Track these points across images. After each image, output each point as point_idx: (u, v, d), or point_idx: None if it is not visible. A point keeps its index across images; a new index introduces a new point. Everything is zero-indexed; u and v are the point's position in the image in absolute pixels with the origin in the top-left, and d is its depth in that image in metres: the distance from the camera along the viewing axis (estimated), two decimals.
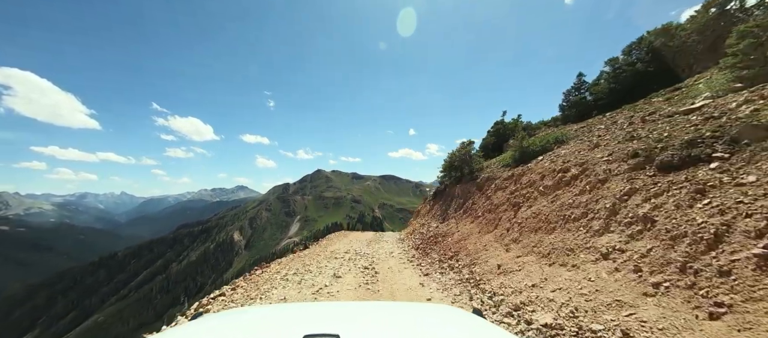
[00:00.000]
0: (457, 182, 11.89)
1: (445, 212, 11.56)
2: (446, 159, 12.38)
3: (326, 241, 13.18)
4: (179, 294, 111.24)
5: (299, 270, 6.84)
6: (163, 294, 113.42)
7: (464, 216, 8.96)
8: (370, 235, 15.75)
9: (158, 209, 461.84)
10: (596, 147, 5.66)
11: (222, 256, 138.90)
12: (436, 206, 13.64)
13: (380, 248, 10.13)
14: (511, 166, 8.67)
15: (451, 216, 10.26)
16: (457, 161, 11.66)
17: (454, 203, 10.77)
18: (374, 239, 13.05)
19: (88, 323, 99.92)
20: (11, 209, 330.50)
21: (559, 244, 4.26)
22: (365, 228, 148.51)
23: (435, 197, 14.63)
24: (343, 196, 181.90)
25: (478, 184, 9.67)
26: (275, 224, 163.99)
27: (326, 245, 11.47)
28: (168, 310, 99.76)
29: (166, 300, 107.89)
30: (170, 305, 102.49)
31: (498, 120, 14.90)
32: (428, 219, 13.10)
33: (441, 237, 8.83)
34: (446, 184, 13.25)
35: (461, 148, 11.58)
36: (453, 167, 12.01)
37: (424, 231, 11.32)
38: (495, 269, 4.95)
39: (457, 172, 12.16)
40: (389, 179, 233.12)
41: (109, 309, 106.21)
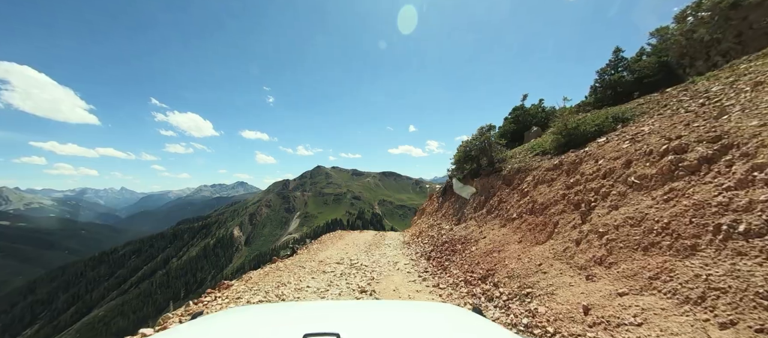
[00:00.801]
0: (474, 176, 9.82)
1: (459, 211, 9.51)
2: (459, 149, 10.31)
3: (318, 244, 11.14)
4: (179, 289, 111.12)
5: (269, 293, 4.83)
6: (163, 289, 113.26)
7: (490, 218, 6.92)
8: (370, 236, 13.70)
9: (158, 205, 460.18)
10: (723, 116, 3.57)
11: (222, 252, 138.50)
12: (446, 204, 11.60)
13: (382, 256, 8.08)
14: (553, 153, 6.60)
15: (470, 217, 8.22)
16: (473, 150, 9.60)
17: (473, 202, 8.73)
18: (374, 243, 11.00)
19: (89, 317, 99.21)
20: (11, 204, 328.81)
21: (724, 282, 2.21)
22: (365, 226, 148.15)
23: (445, 194, 12.59)
24: (343, 193, 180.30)
25: (504, 177, 7.60)
26: (275, 220, 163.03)
27: (317, 251, 9.42)
28: (167, 305, 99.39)
29: (166, 295, 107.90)
30: (170, 300, 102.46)
31: (517, 105, 12.80)
32: (438, 220, 11.06)
33: (460, 245, 6.81)
34: (458, 178, 11.20)
35: (479, 134, 9.50)
36: (468, 157, 9.95)
37: (434, 235, 9.29)
38: (578, 312, 2.92)
39: (472, 163, 10.09)
40: (389, 175, 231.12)
41: (109, 303, 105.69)
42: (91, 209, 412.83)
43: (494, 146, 9.25)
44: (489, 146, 9.25)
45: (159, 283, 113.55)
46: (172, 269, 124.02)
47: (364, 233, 15.27)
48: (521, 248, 4.87)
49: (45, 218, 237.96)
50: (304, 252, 9.56)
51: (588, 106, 12.18)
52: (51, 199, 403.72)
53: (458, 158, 10.50)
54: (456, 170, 11.12)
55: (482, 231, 6.71)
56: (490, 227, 6.66)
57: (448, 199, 11.75)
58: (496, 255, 5.22)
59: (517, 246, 5.05)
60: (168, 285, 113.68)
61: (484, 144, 9.22)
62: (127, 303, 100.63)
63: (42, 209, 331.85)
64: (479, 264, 5.35)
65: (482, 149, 9.34)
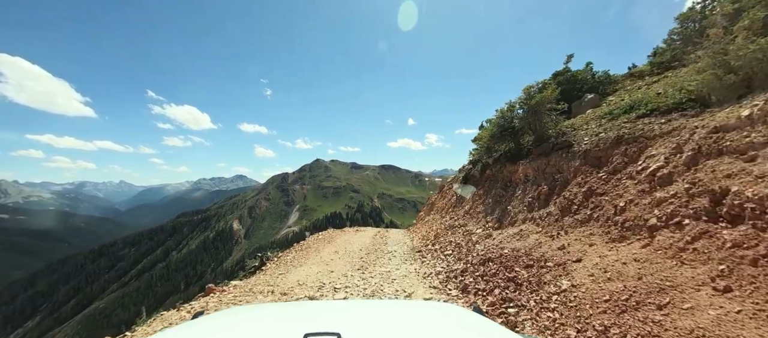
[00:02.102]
0: (514, 160, 6.84)
1: (497, 208, 6.55)
2: (493, 123, 7.28)
3: (298, 253, 8.20)
4: (179, 281, 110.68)
5: None
6: (163, 281, 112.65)
7: (574, 223, 3.97)
8: (367, 238, 10.73)
9: (157, 198, 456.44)
10: None
11: (221, 245, 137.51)
12: (469, 198, 8.64)
13: (385, 278, 5.09)
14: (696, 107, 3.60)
15: (523, 218, 5.28)
16: (516, 120, 6.59)
17: (522, 195, 5.74)
18: (373, 248, 8.03)
19: (90, 309, 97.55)
20: (10, 197, 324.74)
21: None
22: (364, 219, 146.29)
23: (465, 185, 9.63)
24: (343, 186, 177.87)
25: (587, 155, 4.61)
26: (274, 213, 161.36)
27: (291, 266, 6.44)
28: (168, 298, 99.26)
29: (166, 288, 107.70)
30: (171, 292, 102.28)
31: (560, 70, 9.73)
32: (460, 219, 8.12)
33: (524, 269, 3.88)
34: (487, 163, 8.23)
35: (527, 97, 6.40)
36: (506, 133, 6.95)
37: (460, 242, 6.34)
38: None
39: (510, 141, 7.10)
40: (388, 169, 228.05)
41: (110, 296, 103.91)
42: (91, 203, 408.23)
43: (548, 115, 6.23)
44: (540, 114, 6.23)
45: (159, 276, 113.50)
46: (172, 262, 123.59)
47: (360, 233, 12.29)
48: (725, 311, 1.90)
49: (44, 212, 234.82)
50: (272, 267, 6.59)
51: (654, 66, 9.12)
52: (50, 192, 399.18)
53: (488, 136, 7.48)
54: (485, 152, 8.11)
55: (566, 246, 3.76)
56: (579, 238, 3.72)
57: (474, 191, 8.77)
58: (647, 312, 2.29)
59: (708, 297, 2.10)
60: (168, 277, 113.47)
61: (537, 111, 6.19)
62: (127, 296, 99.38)
63: (41, 203, 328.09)
64: (604, 325, 2.41)
65: (530, 119, 6.33)
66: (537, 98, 6.02)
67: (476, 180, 8.93)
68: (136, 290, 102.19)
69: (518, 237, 4.78)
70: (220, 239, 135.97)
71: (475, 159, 9.04)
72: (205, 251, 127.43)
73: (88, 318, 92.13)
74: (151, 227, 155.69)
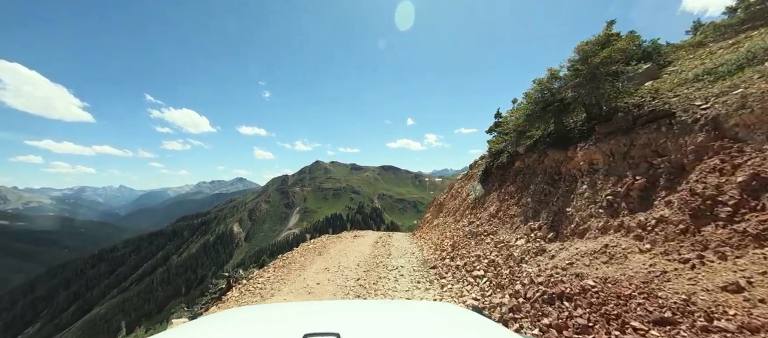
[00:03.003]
0: (561, 144, 4.99)
1: (542, 211, 4.67)
2: (529, 96, 5.41)
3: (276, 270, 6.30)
4: (180, 285, 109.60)
5: None
6: (163, 286, 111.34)
7: (755, 243, 2.13)
8: (367, 247, 8.83)
9: (157, 202, 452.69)
10: None
11: (222, 248, 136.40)
12: (495, 197, 6.79)
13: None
14: None
15: (605, 227, 3.35)
16: (566, 91, 4.75)
17: (591, 191, 3.81)
18: (373, 264, 6.13)
19: (90, 315, 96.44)
20: (10, 203, 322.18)
21: None
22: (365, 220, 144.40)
23: (487, 181, 7.78)
24: (343, 187, 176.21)
25: (728, 127, 2.77)
26: (275, 215, 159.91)
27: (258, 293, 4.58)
28: (169, 302, 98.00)
29: (167, 292, 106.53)
30: (171, 296, 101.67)
31: (599, 35, 7.83)
32: (484, 224, 6.26)
33: (648, 324, 2.07)
34: (515, 153, 6.39)
35: (583, 59, 4.53)
36: (548, 110, 5.11)
37: (497, 260, 4.43)
38: None
39: (553, 120, 5.26)
40: (388, 169, 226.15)
41: (110, 301, 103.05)
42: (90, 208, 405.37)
43: (613, 82, 4.38)
44: (601, 79, 4.37)
45: (160, 280, 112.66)
46: (173, 266, 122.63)
47: (358, 240, 10.39)
48: None
49: (44, 217, 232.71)
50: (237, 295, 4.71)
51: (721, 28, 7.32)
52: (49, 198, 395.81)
53: (524, 116, 5.62)
54: (515, 139, 6.24)
55: (737, 283, 1.93)
56: (761, 265, 1.88)
57: (499, 189, 6.91)
58: None
59: None
60: (169, 281, 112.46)
61: (592, 77, 4.35)
62: (128, 301, 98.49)
63: (41, 208, 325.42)
64: None
65: (587, 88, 4.48)
66: (605, 54, 4.18)
67: (502, 174, 7.08)
68: (136, 295, 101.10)
69: (606, 258, 2.94)
70: (221, 242, 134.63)
71: (497, 149, 7.20)
72: (205, 254, 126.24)
73: (89, 323, 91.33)
74: (151, 231, 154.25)
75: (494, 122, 11.09)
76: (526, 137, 6.07)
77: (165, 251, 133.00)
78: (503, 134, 7.07)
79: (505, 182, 6.79)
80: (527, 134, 6.06)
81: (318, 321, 1.15)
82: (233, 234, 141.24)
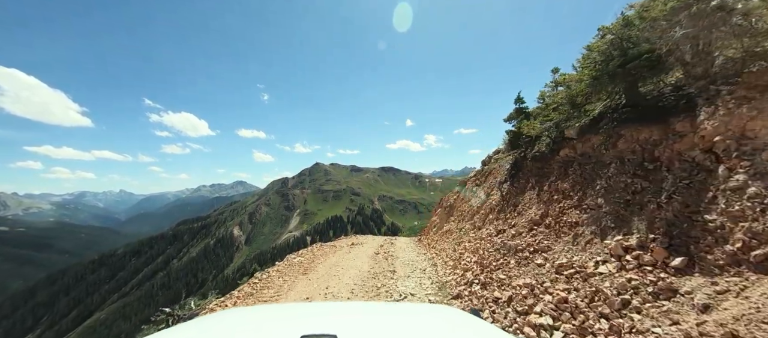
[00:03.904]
0: (650, 119, 3.27)
1: (634, 218, 2.93)
2: (594, 49, 3.71)
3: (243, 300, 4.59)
4: (181, 289, 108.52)
5: None
6: (164, 290, 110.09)
7: None
8: (365, 262, 6.97)
9: (157, 206, 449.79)
10: None
11: (222, 252, 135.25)
12: (535, 197, 5.02)
13: None
14: None
15: None
16: (662, 37, 3.03)
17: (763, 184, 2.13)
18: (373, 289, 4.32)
19: (91, 320, 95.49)
20: (10, 209, 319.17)
21: None
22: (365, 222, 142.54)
23: (517, 176, 6.04)
24: (343, 189, 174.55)
25: None
26: (275, 218, 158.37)
27: None
28: (170, 306, 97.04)
29: (167, 296, 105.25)
30: (172, 301, 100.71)
31: None
32: (525, 235, 4.48)
33: None
34: (561, 138, 4.66)
35: None
36: (629, 65, 3.39)
37: (572, 299, 2.71)
38: None
39: (635, 80, 3.53)
40: (388, 170, 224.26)
41: (111, 306, 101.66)
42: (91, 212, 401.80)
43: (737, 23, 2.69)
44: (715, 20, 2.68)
45: (160, 284, 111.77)
46: (173, 270, 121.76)
47: (355, 250, 8.60)
48: None
49: (44, 222, 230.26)
50: None
51: None
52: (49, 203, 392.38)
53: (588, 79, 3.88)
54: (570, 113, 4.47)
55: None
56: None
57: (537, 185, 5.17)
58: None
59: None
60: (169, 286, 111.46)
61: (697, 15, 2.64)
62: (128, 306, 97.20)
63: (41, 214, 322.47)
64: None
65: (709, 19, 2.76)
66: None
67: (540, 167, 5.36)
68: (137, 299, 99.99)
69: None
70: (221, 245, 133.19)
71: (535, 134, 5.43)
72: (205, 258, 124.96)
73: (89, 329, 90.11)
74: (151, 235, 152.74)
75: (515, 108, 9.39)
76: (581, 113, 4.36)
77: (165, 255, 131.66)
78: (542, 116, 5.34)
79: (546, 177, 5.07)
80: (582, 109, 4.36)
81: (315, 322, 1.15)
82: (233, 238, 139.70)
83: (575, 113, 4.37)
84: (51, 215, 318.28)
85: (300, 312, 1.35)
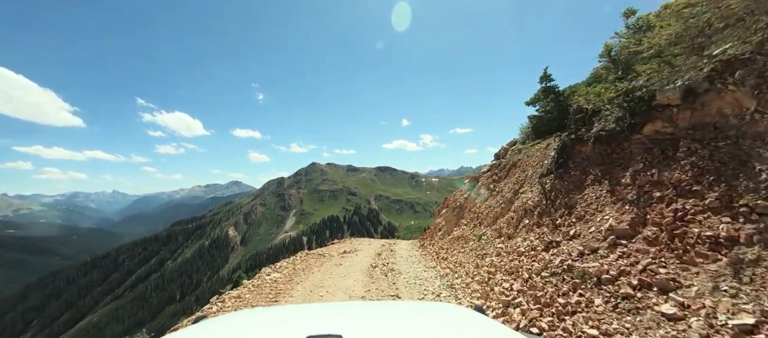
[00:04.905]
0: None
1: None
2: None
3: None
4: (175, 291, 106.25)
5: None
6: (158, 292, 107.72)
7: None
8: (358, 280, 5.03)
9: (152, 207, 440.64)
10: None
11: (217, 253, 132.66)
12: (606, 193, 3.31)
13: None
14: None
15: None
16: None
17: None
18: None
19: (83, 323, 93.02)
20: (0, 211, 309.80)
21: None
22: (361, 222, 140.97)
23: (566, 165, 4.34)
24: (339, 189, 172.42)
25: None
26: (271, 218, 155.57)
27: None
28: (164, 308, 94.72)
29: (161, 298, 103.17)
30: (166, 302, 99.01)
31: None
32: (607, 251, 2.73)
33: None
34: (667, 106, 2.97)
35: None
36: None
37: None
38: None
39: None
40: (384, 170, 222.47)
41: (104, 308, 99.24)
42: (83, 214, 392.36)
43: None
44: None
45: (154, 286, 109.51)
46: (167, 271, 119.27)
47: (347, 262, 6.79)
48: None
49: (35, 224, 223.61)
50: None
51: None
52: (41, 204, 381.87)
53: None
54: (691, 56, 2.81)
55: None
56: None
57: (605, 176, 3.47)
58: None
59: None
60: (163, 287, 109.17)
61: None
62: (121, 308, 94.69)
63: (32, 215, 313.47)
64: None
65: None
66: None
67: (606, 152, 3.66)
68: (130, 302, 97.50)
69: None
70: (216, 246, 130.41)
71: (591, 108, 3.77)
72: (200, 259, 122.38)
73: (81, 331, 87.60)
74: (145, 236, 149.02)
75: (541, 87, 7.71)
76: (690, 64, 2.70)
77: (159, 256, 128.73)
78: (613, 79, 3.65)
79: (621, 166, 3.39)
80: (710, 54, 2.68)
81: (321, 323, 1.14)
82: (229, 238, 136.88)
83: (679, 64, 2.69)
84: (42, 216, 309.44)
85: (305, 313, 1.35)
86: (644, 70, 3.20)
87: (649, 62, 3.17)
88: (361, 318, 1.22)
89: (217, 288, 61.79)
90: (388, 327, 1.11)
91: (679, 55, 2.84)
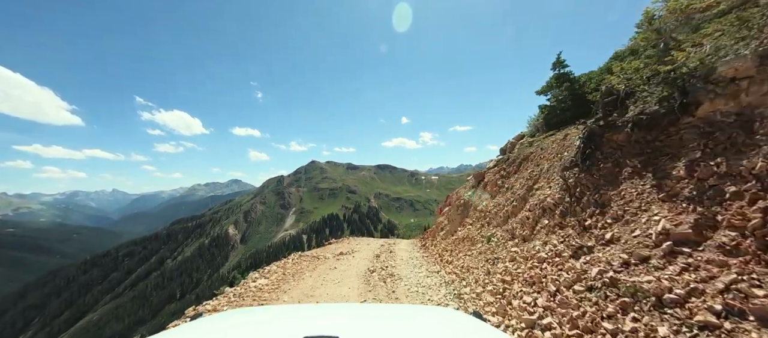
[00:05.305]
0: None
1: None
2: None
3: None
4: (175, 290, 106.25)
5: None
6: (158, 290, 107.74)
7: None
8: (353, 287, 4.55)
9: (151, 206, 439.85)
10: None
11: (217, 251, 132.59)
12: (651, 187, 2.69)
13: None
14: None
15: None
16: None
17: None
18: None
19: (83, 322, 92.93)
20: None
21: None
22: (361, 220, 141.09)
23: (593, 156, 3.71)
24: (339, 187, 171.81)
25: None
26: (270, 217, 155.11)
27: None
28: (164, 307, 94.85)
29: (161, 297, 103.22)
30: (166, 301, 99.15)
31: None
32: (661, 261, 2.11)
33: None
34: (732, 80, 2.34)
35: None
36: None
37: None
38: None
39: None
40: (384, 168, 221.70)
41: (104, 307, 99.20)
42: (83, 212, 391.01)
43: None
44: None
45: (154, 285, 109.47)
46: (167, 270, 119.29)
47: (342, 265, 6.17)
48: None
49: (35, 223, 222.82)
50: None
51: None
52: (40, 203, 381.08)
53: None
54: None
55: None
56: None
57: (648, 168, 2.84)
58: None
59: None
60: (163, 286, 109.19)
61: None
62: (121, 306, 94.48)
63: (32, 214, 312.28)
64: None
65: None
66: None
67: (647, 139, 3.02)
68: (130, 300, 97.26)
69: None
70: (216, 245, 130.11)
71: (624, 89, 3.11)
72: (201, 257, 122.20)
73: (82, 330, 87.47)
74: (145, 235, 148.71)
75: (554, 74, 7.06)
76: None
77: (159, 255, 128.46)
78: (655, 53, 3.00)
79: (670, 156, 2.78)
80: None
81: (318, 324, 1.13)
82: (229, 237, 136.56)
83: None
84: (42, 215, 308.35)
85: (302, 313, 1.33)
86: (708, 35, 2.57)
87: (710, 25, 2.55)
88: (358, 320, 1.21)
89: (218, 286, 61.62)
90: (386, 329, 1.10)
91: (756, 15, 2.22)
